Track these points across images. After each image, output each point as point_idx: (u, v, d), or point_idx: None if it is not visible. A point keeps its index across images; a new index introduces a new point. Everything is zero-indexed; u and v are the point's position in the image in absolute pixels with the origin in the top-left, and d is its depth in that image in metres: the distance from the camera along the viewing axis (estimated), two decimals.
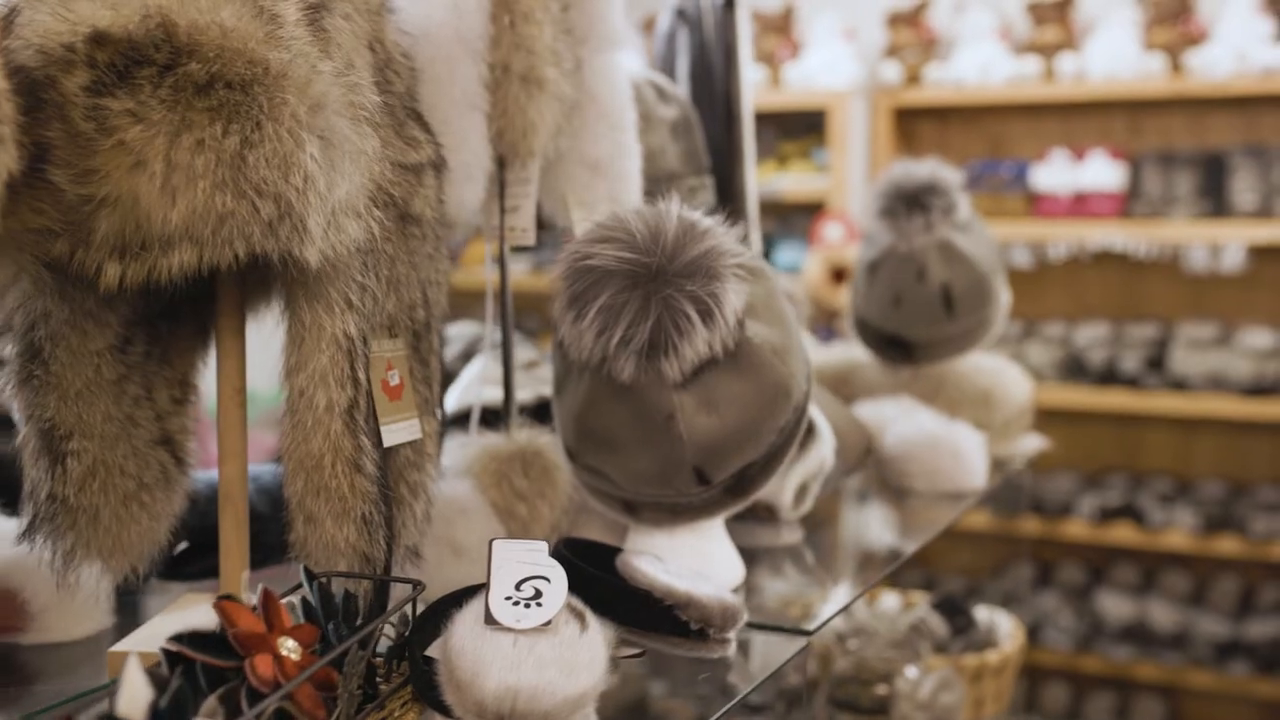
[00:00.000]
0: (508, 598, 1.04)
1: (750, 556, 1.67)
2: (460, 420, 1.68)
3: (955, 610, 2.47)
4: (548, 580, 1.06)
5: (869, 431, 1.98)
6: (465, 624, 1.02)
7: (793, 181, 4.50)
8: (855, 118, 4.43)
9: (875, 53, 4.61)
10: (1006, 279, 2.31)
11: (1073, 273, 4.61)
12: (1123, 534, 4.25)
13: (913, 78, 4.46)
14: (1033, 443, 2.30)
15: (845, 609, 1.47)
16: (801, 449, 1.70)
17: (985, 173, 4.50)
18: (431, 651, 1.08)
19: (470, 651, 0.99)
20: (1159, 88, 4.11)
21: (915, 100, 4.47)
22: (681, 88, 2.34)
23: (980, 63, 4.32)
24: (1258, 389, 4.03)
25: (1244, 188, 4.11)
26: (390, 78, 1.24)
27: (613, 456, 1.34)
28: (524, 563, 1.09)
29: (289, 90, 1.00)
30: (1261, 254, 4.20)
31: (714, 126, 2.30)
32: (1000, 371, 2.27)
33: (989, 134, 4.72)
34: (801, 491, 1.71)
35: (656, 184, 1.91)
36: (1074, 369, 4.34)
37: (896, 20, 4.52)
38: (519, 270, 4.17)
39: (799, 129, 4.70)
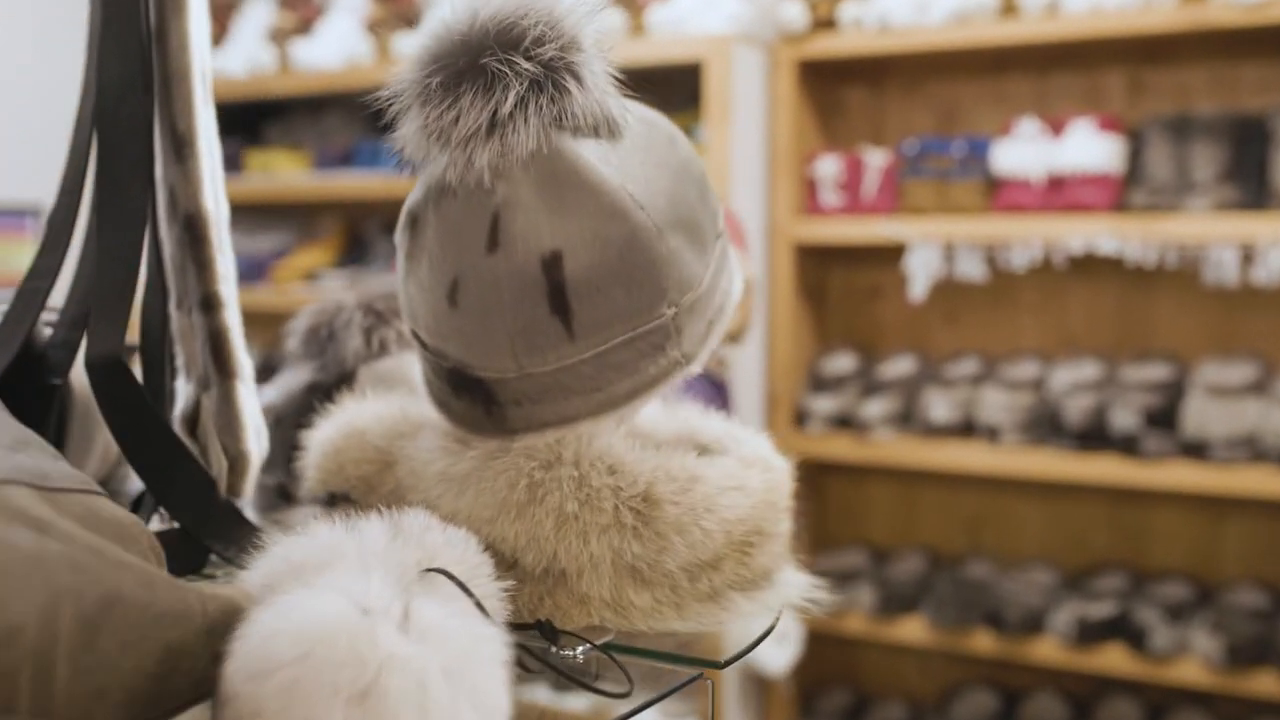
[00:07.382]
0: None
1: None
2: None
3: None
4: None
5: (233, 605, 0.75)
6: None
7: None
8: (744, 75, 3.22)
9: None
10: (729, 241, 1.09)
11: (1048, 289, 3.36)
12: (1114, 660, 2.98)
13: (823, 21, 3.25)
14: (786, 594, 1.07)
15: None
16: None
17: (929, 151, 3.27)
18: None
19: None
20: (1168, 20, 2.87)
21: (827, 51, 3.26)
22: None
23: None
24: None
25: None
26: None
27: None
28: None
29: None
30: None
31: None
32: (708, 447, 1.03)
33: (935, 100, 3.49)
34: None
35: None
36: (1048, 426, 3.08)
37: None
38: None
39: (679, 98, 3.48)
